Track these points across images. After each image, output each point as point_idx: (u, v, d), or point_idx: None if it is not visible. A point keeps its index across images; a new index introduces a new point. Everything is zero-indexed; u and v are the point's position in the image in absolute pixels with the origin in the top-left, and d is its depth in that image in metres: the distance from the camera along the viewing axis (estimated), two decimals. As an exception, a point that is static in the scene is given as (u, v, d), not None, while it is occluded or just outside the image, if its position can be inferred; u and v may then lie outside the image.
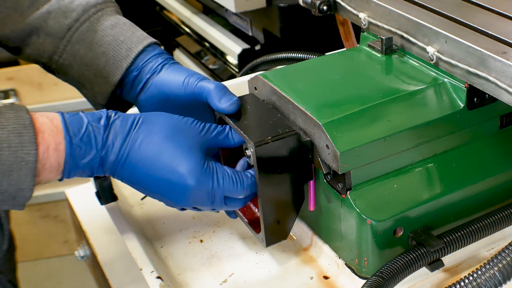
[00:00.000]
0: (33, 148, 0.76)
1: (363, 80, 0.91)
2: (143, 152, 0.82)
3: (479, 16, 0.88)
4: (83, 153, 0.79)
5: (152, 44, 0.96)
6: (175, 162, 0.82)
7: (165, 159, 0.82)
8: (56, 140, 0.78)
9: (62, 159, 0.78)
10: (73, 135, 0.79)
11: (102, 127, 0.81)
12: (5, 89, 2.46)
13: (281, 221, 0.88)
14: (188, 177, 0.82)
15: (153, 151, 0.82)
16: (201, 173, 0.82)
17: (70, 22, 0.95)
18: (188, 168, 0.82)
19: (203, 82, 0.91)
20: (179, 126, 0.84)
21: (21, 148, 0.75)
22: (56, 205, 2.46)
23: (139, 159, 0.82)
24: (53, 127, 0.78)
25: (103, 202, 1.01)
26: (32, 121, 0.77)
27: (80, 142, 0.79)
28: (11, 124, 0.76)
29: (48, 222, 2.50)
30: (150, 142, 0.82)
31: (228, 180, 0.84)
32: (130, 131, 0.82)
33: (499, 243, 0.88)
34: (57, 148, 0.78)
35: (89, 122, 0.80)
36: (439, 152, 0.88)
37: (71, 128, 0.79)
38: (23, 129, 0.76)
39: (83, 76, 0.96)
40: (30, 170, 0.76)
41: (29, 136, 0.76)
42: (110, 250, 1.00)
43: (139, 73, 0.94)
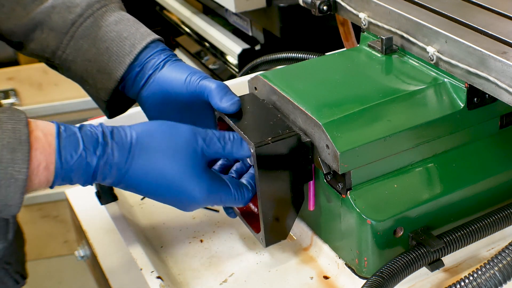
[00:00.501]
0: (25, 166, 0.74)
1: (363, 80, 0.91)
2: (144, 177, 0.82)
3: (479, 16, 0.88)
4: (73, 177, 0.79)
5: (156, 40, 0.96)
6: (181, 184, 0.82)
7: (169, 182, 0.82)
8: (48, 160, 0.76)
9: (52, 177, 0.77)
10: (65, 162, 0.77)
11: (96, 157, 0.78)
12: (5, 89, 2.46)
13: (280, 221, 0.88)
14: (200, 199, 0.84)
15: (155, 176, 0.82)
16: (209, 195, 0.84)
17: (74, 17, 0.95)
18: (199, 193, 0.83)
19: (204, 80, 0.91)
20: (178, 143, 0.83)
21: (12, 165, 0.73)
22: (56, 205, 2.46)
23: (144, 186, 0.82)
24: (47, 146, 0.76)
25: (103, 202, 1.01)
26: (28, 136, 0.75)
27: (71, 168, 0.78)
28: (5, 138, 0.73)
29: (48, 222, 2.50)
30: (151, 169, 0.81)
31: (231, 198, 0.86)
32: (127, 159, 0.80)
33: (499, 243, 0.88)
34: (48, 168, 0.76)
35: (84, 148, 0.78)
36: (439, 152, 0.88)
37: (63, 153, 0.77)
38: (18, 145, 0.74)
39: (86, 71, 0.96)
40: (19, 188, 0.74)
41: (22, 153, 0.74)
42: (110, 250, 1.00)
43: (142, 69, 0.94)
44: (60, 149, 0.76)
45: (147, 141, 0.82)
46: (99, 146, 0.79)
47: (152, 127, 0.84)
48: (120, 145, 0.80)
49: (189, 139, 0.83)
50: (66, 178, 0.78)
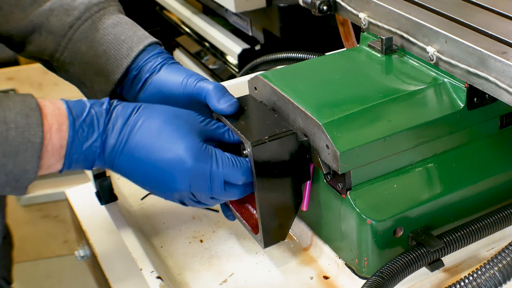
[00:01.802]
0: (40, 130, 0.77)
1: (363, 80, 0.91)
2: (143, 134, 0.82)
3: (479, 16, 0.88)
4: (85, 135, 0.80)
5: (153, 43, 0.96)
6: (174, 142, 0.82)
7: (163, 140, 0.82)
8: (59, 121, 0.79)
9: (64, 140, 0.79)
10: (76, 117, 0.80)
11: (104, 110, 0.82)
12: (5, 89, 2.46)
13: (279, 221, 0.88)
14: (187, 156, 0.81)
15: (152, 132, 0.82)
16: (199, 153, 0.82)
17: (72, 20, 0.95)
18: (187, 147, 0.82)
19: (202, 82, 0.91)
20: (179, 113, 0.85)
21: (27, 129, 0.77)
22: (56, 205, 2.46)
23: (139, 141, 0.82)
24: (56, 109, 0.80)
25: (103, 202, 1.01)
26: (38, 104, 0.78)
27: (83, 123, 0.80)
28: (18, 107, 0.77)
29: (48, 222, 2.50)
30: (150, 125, 0.83)
31: (227, 162, 0.83)
32: (131, 115, 0.83)
33: (499, 243, 0.88)
34: (60, 129, 0.79)
35: (91, 106, 0.82)
36: (439, 152, 0.88)
37: (74, 111, 0.80)
38: (30, 111, 0.77)
39: (84, 74, 0.96)
40: (36, 151, 0.77)
41: (36, 117, 0.77)
42: (110, 250, 1.00)
43: (139, 72, 0.94)
44: (69, 108, 0.80)
45: (151, 105, 0.85)
46: (106, 103, 0.83)
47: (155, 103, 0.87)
48: (125, 103, 0.84)
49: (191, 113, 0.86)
50: (79, 139, 0.80)
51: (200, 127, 0.85)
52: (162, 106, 0.86)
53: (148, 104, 0.86)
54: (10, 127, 0.76)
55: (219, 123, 0.88)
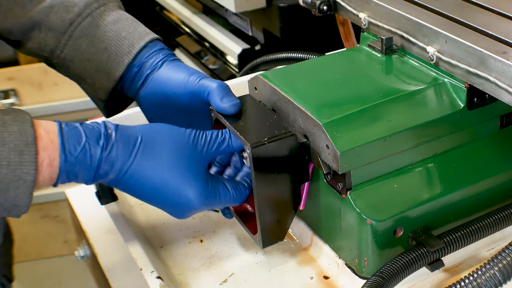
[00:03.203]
0: (33, 168, 0.74)
1: (363, 80, 0.91)
2: (146, 180, 0.82)
3: (479, 16, 0.88)
4: (77, 171, 0.79)
5: (154, 40, 0.96)
6: (182, 189, 0.83)
7: (171, 186, 0.82)
8: (51, 156, 0.76)
9: (55, 174, 0.77)
10: (69, 154, 0.77)
11: (99, 149, 0.79)
12: (5, 89, 2.46)
13: (277, 222, 0.88)
14: (196, 202, 0.84)
15: (157, 179, 0.82)
16: (206, 196, 0.84)
17: (72, 17, 0.95)
18: (196, 194, 0.83)
19: (205, 80, 0.90)
20: (181, 147, 0.83)
21: (20, 167, 0.74)
22: (56, 205, 2.46)
23: (141, 189, 0.82)
24: (49, 142, 0.76)
25: (103, 202, 1.01)
26: (35, 138, 0.75)
27: (75, 160, 0.78)
28: (13, 141, 0.74)
29: (48, 222, 2.50)
30: (154, 171, 0.81)
31: (229, 197, 0.87)
32: (131, 155, 0.81)
33: (499, 243, 0.88)
34: (51, 164, 0.76)
35: (87, 140, 0.78)
36: (439, 152, 0.88)
37: (67, 145, 0.77)
38: (25, 147, 0.74)
39: (84, 71, 0.96)
40: (28, 188, 0.75)
41: (30, 155, 0.74)
42: (110, 250, 1.00)
43: (140, 69, 0.94)
44: (63, 143, 0.77)
45: (152, 139, 0.82)
46: (102, 137, 0.79)
47: (155, 126, 0.85)
48: (125, 138, 0.81)
49: (191, 142, 0.84)
50: (71, 173, 0.78)
51: (203, 156, 0.84)
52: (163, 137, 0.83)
53: (148, 135, 0.82)
54: (1, 165, 0.73)
55: (220, 137, 0.86)
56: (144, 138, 0.82)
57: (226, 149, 0.86)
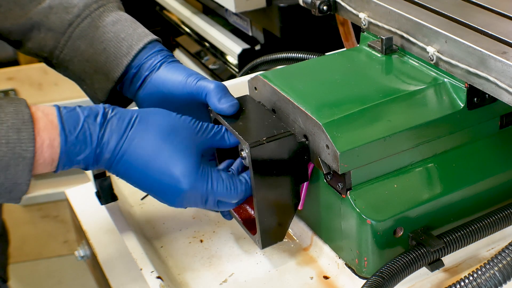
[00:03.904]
0: (31, 145, 0.76)
1: (363, 80, 0.91)
2: (139, 152, 0.82)
3: (479, 16, 0.88)
4: (77, 150, 0.79)
5: (153, 41, 0.96)
6: (170, 164, 0.82)
7: (160, 161, 0.82)
8: (51, 136, 0.77)
9: (56, 155, 0.78)
10: (69, 133, 0.78)
11: (98, 125, 0.80)
12: (5, 89, 2.46)
13: (277, 222, 0.88)
14: (182, 181, 0.82)
15: (148, 151, 0.82)
16: (195, 177, 0.82)
17: (72, 17, 0.95)
18: (183, 171, 0.82)
19: (203, 81, 0.91)
20: (176, 125, 0.84)
21: (19, 144, 0.75)
22: (56, 205, 2.46)
23: (134, 159, 0.82)
24: (48, 123, 0.78)
25: (103, 202, 1.01)
26: (31, 116, 0.77)
27: (75, 139, 0.79)
28: (10, 120, 0.76)
29: (48, 222, 2.50)
30: (146, 142, 0.82)
31: (222, 185, 0.84)
32: (126, 129, 0.82)
33: (499, 243, 0.88)
34: (52, 145, 0.78)
35: (85, 119, 0.80)
36: (439, 152, 0.88)
37: (66, 125, 0.79)
38: (22, 124, 0.76)
39: (83, 72, 0.96)
40: (27, 165, 0.76)
41: (27, 132, 0.76)
42: (110, 250, 1.00)
43: (138, 70, 0.94)
44: (62, 123, 0.78)
45: (147, 117, 0.83)
46: (100, 115, 0.81)
47: (153, 109, 0.85)
48: (120, 114, 0.82)
49: (187, 123, 0.85)
50: (71, 153, 0.79)
51: (198, 139, 0.84)
52: (158, 115, 0.84)
53: (144, 113, 0.84)
54: (1, 143, 0.75)
55: (216, 128, 0.87)
56: (139, 116, 0.83)
57: (222, 142, 0.86)
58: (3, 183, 0.76)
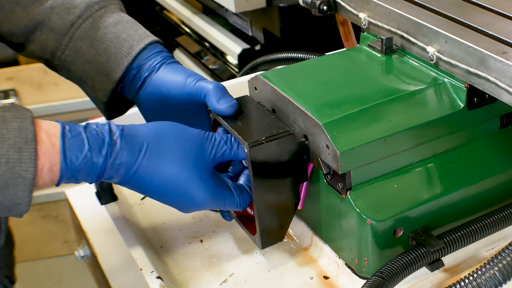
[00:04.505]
0: (32, 166, 0.73)
1: (363, 80, 0.91)
2: (152, 180, 0.81)
3: (479, 16, 0.88)
4: (78, 176, 0.78)
5: (154, 42, 0.96)
6: (189, 189, 0.82)
7: (178, 187, 0.82)
8: (52, 162, 0.75)
9: (56, 178, 0.77)
10: (70, 162, 0.76)
11: (102, 157, 0.78)
12: (5, 89, 2.46)
13: (276, 222, 0.88)
14: (202, 202, 0.84)
15: (163, 179, 0.81)
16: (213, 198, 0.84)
17: (73, 18, 0.95)
18: (203, 195, 0.83)
19: (201, 82, 0.91)
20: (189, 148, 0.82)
21: (19, 164, 0.73)
22: (56, 205, 2.46)
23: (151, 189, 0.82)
24: (50, 147, 0.75)
25: (103, 202, 1.01)
26: (35, 135, 0.74)
27: (77, 168, 0.77)
28: (12, 138, 0.73)
29: (48, 222, 2.50)
30: (160, 172, 0.81)
31: (233, 203, 0.86)
32: (137, 161, 0.80)
33: (499, 243, 0.88)
34: (52, 169, 0.76)
35: (89, 149, 0.77)
36: (439, 152, 0.88)
37: (68, 154, 0.76)
38: (24, 144, 0.73)
39: (85, 73, 0.96)
40: (27, 186, 0.74)
41: (29, 152, 0.73)
42: (110, 250, 1.00)
43: (138, 71, 0.94)
44: (65, 150, 0.76)
45: (158, 142, 0.81)
46: (106, 146, 0.78)
47: (163, 128, 0.83)
48: (130, 144, 0.80)
49: (199, 143, 0.83)
50: (72, 178, 0.78)
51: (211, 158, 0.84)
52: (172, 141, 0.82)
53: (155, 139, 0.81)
54: (0, 162, 0.72)
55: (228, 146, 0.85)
56: (150, 141, 0.81)
57: (232, 157, 0.86)
58: (2, 202, 0.74)
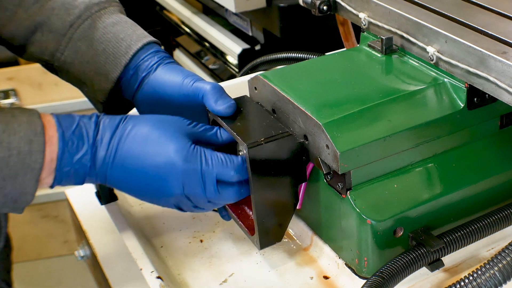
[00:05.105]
0: (41, 157, 0.78)
1: (363, 80, 0.91)
2: (131, 142, 0.82)
3: (479, 16, 0.88)
4: (75, 147, 0.80)
5: (151, 42, 0.96)
6: (162, 146, 0.82)
7: (152, 145, 0.82)
8: (49, 133, 0.79)
9: (55, 153, 0.79)
10: (65, 129, 0.80)
11: (93, 123, 0.82)
12: (5, 89, 2.46)
13: (275, 223, 0.88)
14: (176, 158, 0.81)
15: (140, 139, 0.82)
16: (188, 153, 0.82)
17: (72, 19, 0.95)
18: (175, 149, 0.82)
19: (199, 82, 0.91)
20: (166, 118, 0.86)
21: (29, 155, 0.77)
22: (56, 205, 2.46)
23: (128, 149, 0.82)
24: (46, 123, 0.79)
25: (103, 202, 1.01)
26: (43, 127, 0.79)
27: (72, 135, 0.80)
28: (22, 130, 0.77)
29: (48, 222, 2.50)
30: (137, 132, 0.83)
31: (217, 160, 0.83)
32: (119, 125, 0.83)
33: (499, 243, 0.88)
34: (50, 141, 0.79)
35: (80, 119, 0.82)
36: (439, 152, 0.88)
37: (63, 123, 0.80)
38: (34, 136, 0.78)
39: (84, 73, 0.96)
40: (35, 176, 0.78)
41: (38, 144, 0.77)
42: (110, 250, 1.00)
43: (135, 71, 0.94)
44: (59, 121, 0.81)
45: (140, 116, 0.86)
46: (94, 116, 0.83)
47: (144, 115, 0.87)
48: (113, 116, 0.85)
49: (178, 118, 0.86)
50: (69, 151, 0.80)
51: (188, 129, 0.85)
52: (149, 115, 0.87)
53: (134, 115, 0.86)
54: (12, 154, 0.76)
55: (206, 125, 0.87)
56: (129, 116, 0.85)
57: (214, 138, 0.87)
58: (10, 192, 0.77)
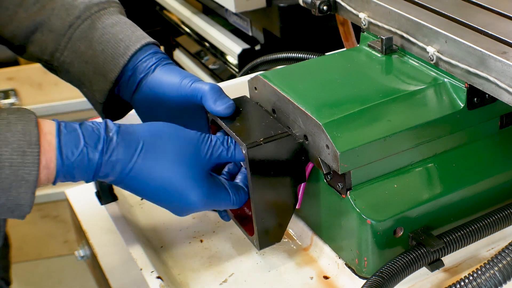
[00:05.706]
0: (35, 169, 0.74)
1: (363, 80, 0.91)
2: (148, 180, 0.81)
3: (479, 16, 0.88)
4: (75, 173, 0.78)
5: (150, 44, 0.96)
6: (184, 191, 0.82)
7: (173, 188, 0.82)
8: (48, 159, 0.76)
9: (52, 175, 0.77)
10: (66, 158, 0.76)
11: (98, 153, 0.78)
12: (5, 89, 2.46)
13: (274, 223, 0.88)
14: (198, 204, 0.83)
15: (159, 180, 0.81)
16: (208, 199, 0.84)
17: (72, 19, 0.95)
18: (198, 196, 0.83)
19: (197, 83, 0.90)
20: (184, 149, 0.82)
21: (22, 167, 0.74)
22: (56, 205, 2.46)
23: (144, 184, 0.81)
24: (46, 144, 0.75)
25: (103, 202, 1.01)
26: (39, 138, 0.74)
27: (73, 165, 0.77)
28: (16, 141, 0.73)
29: (48, 222, 2.50)
30: (156, 172, 0.81)
31: (229, 202, 0.86)
32: (132, 159, 0.80)
33: (499, 243, 0.88)
34: (48, 166, 0.76)
35: (85, 145, 0.77)
36: (439, 152, 0.88)
37: (64, 150, 0.76)
38: (28, 147, 0.74)
39: (83, 74, 0.96)
40: (30, 188, 0.75)
41: (32, 156, 0.74)
42: (110, 250, 1.00)
43: (133, 72, 0.94)
44: (60, 146, 0.76)
45: (154, 142, 0.81)
46: (101, 141, 0.78)
47: (159, 128, 0.83)
48: (126, 142, 0.80)
49: (195, 144, 0.83)
50: (68, 175, 0.78)
51: (207, 160, 0.84)
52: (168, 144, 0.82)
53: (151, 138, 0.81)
54: (4, 165, 0.73)
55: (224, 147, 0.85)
56: (146, 140, 0.81)
57: (229, 158, 0.86)
58: (5, 203, 0.75)
